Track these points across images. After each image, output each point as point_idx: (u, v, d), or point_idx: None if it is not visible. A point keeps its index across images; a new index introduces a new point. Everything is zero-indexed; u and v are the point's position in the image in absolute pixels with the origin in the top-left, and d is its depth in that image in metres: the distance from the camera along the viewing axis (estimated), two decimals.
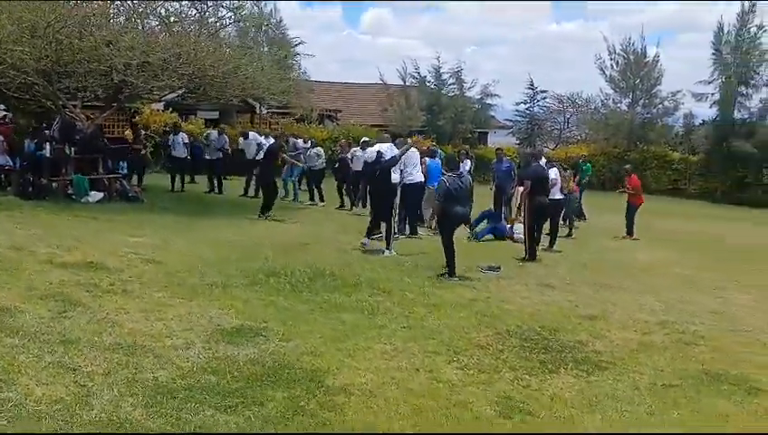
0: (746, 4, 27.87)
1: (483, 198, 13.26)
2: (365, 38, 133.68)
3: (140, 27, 13.23)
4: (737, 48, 28.05)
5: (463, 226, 9.90)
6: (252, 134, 17.71)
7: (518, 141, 35.31)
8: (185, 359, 5.01)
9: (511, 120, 36.67)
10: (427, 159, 13.42)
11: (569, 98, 37.04)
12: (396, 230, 11.49)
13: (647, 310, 8.00)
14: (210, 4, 13.30)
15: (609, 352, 6.16)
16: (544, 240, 12.08)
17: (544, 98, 36.21)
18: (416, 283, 8.39)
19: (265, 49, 16.35)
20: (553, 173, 12.15)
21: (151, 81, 12.50)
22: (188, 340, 5.48)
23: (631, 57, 30.78)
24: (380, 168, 10.89)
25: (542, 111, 36.39)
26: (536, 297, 8.24)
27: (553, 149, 33.90)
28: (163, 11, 13.42)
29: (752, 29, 27.94)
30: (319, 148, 17.11)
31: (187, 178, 17.90)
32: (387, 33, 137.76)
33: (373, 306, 7.06)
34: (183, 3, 13.25)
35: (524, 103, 35.57)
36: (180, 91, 16.04)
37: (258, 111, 25.07)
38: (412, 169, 12.19)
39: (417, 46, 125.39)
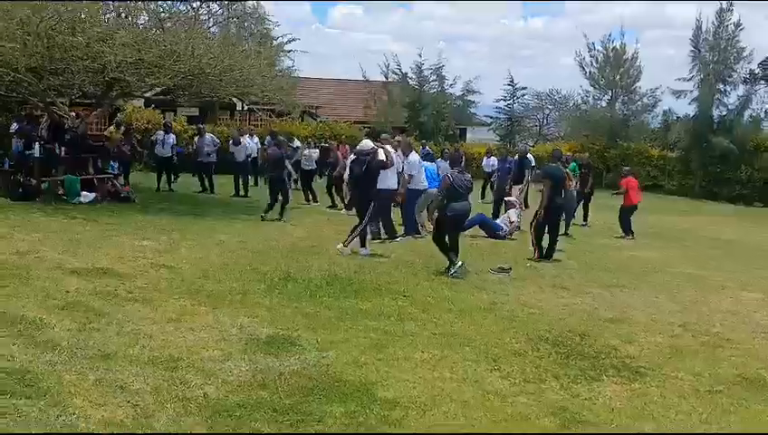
0: (724, 3, 28.27)
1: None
2: (333, 32, 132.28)
3: (131, 24, 12.90)
4: (715, 46, 28.39)
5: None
6: (243, 139, 17.48)
7: (498, 138, 35.38)
8: (228, 372, 4.85)
9: (491, 117, 36.77)
10: (425, 163, 13.33)
11: (548, 95, 37.30)
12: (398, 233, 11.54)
13: (665, 311, 8.01)
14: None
15: (643, 357, 6.12)
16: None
17: (524, 95, 36.38)
18: (432, 286, 8.29)
19: (250, 43, 15.90)
20: None
21: (146, 78, 12.20)
22: (225, 351, 5.32)
23: (611, 54, 30.98)
24: (368, 167, 10.61)
25: (521, 108, 36.58)
26: (554, 300, 8.20)
27: (533, 146, 34.06)
28: (154, 5, 13.10)
29: (729, 27, 28.30)
30: (315, 149, 16.94)
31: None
32: (356, 28, 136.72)
33: (398, 312, 6.95)
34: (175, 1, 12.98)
35: (504, 100, 35.69)
36: (159, 89, 15.60)
37: (242, 108, 24.71)
38: (419, 174, 12.11)
39: (386, 41, 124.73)
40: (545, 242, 11.11)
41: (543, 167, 11.37)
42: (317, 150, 17.01)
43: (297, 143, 17.89)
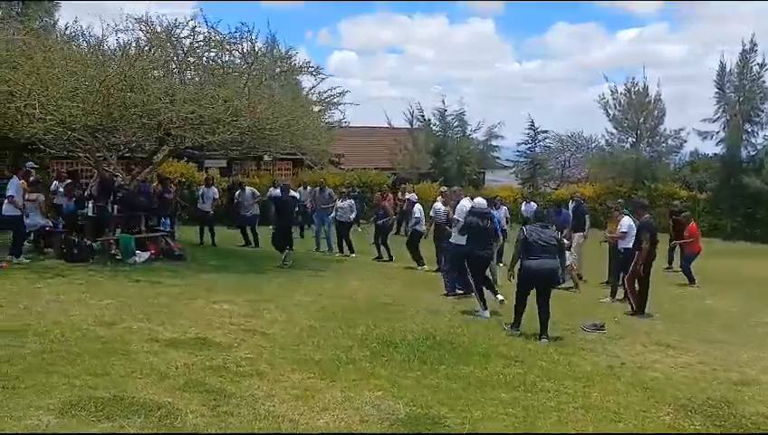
0: (747, 43, 28.35)
1: None
2: (334, 80, 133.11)
3: (183, 80, 12.75)
4: (740, 87, 28.37)
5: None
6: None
7: (520, 182, 35.19)
8: None
9: (511, 160, 36.67)
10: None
11: (569, 137, 37.22)
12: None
13: None
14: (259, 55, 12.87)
15: None
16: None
17: (545, 138, 36.31)
18: (537, 348, 7.92)
19: (276, 88, 15.50)
20: (626, 224, 11.75)
21: (205, 135, 11.94)
22: None
23: (633, 96, 30.89)
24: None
25: (542, 151, 36.44)
26: (666, 360, 7.83)
27: (556, 189, 33.81)
28: (205, 60, 12.92)
29: (753, 67, 28.31)
30: (350, 200, 16.53)
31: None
32: (352, 74, 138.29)
33: (522, 381, 6.55)
34: (233, 54, 12.82)
35: (525, 144, 35.60)
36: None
37: (271, 158, 24.57)
38: None
39: (383, 87, 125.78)
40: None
41: (642, 220, 11.02)
42: (351, 201, 16.58)
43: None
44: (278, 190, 17.29)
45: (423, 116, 32.10)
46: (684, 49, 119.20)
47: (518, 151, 36.16)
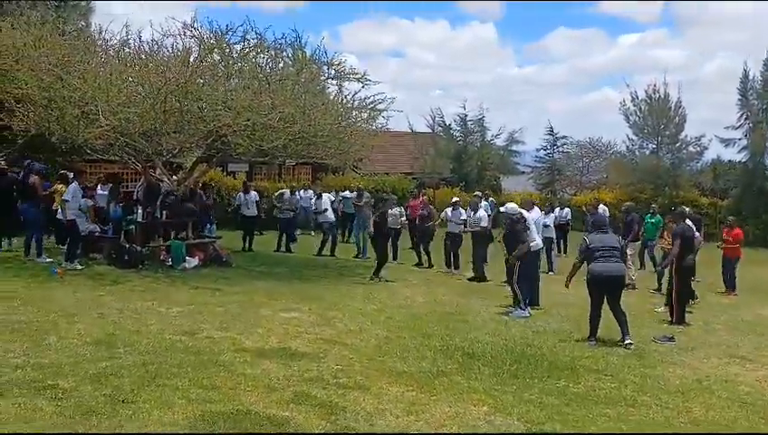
0: None
1: None
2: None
3: (231, 86, 12.72)
4: (764, 94, 28.31)
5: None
6: (325, 195, 17.37)
7: (540, 187, 35.15)
8: None
9: (529, 166, 36.68)
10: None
11: (589, 143, 37.19)
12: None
13: None
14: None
15: None
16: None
17: (564, 144, 36.30)
18: (620, 361, 7.87)
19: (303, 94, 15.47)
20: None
21: (258, 141, 11.90)
22: None
23: (654, 103, 30.80)
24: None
25: (561, 157, 36.44)
26: (748, 374, 7.78)
27: (574, 195, 33.76)
28: (258, 67, 12.88)
29: None
30: (401, 208, 16.46)
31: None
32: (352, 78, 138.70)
33: (620, 396, 6.52)
34: (284, 60, 12.83)
35: (544, 149, 35.62)
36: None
37: (294, 163, 24.57)
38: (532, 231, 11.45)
39: (384, 90, 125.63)
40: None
41: (677, 228, 11.03)
42: (401, 208, 16.50)
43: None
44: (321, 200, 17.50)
45: (444, 122, 32.11)
46: (683, 54, 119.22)
47: (537, 157, 36.18)
